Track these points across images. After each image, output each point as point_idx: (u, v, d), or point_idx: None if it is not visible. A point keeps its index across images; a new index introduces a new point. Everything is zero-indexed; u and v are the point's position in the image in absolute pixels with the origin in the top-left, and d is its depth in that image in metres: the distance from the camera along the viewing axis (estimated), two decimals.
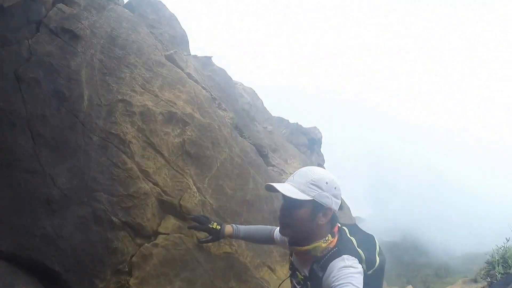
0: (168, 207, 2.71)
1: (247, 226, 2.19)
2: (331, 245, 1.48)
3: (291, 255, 1.71)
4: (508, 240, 4.94)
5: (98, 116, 2.46)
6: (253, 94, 7.01)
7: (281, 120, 8.19)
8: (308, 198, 1.45)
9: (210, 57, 4.69)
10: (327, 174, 1.52)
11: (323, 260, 1.45)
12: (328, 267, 1.41)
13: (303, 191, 1.46)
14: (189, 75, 3.72)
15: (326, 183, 1.47)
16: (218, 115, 4.01)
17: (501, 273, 4.42)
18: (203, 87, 3.96)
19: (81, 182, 2.19)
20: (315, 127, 8.33)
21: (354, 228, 1.62)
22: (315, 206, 1.47)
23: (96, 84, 2.50)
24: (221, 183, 3.50)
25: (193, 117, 3.33)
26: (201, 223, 2.24)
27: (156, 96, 3.00)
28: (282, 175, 5.65)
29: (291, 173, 6.94)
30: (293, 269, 1.68)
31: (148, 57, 3.05)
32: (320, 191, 1.46)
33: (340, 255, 1.42)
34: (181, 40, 4.28)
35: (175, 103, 3.16)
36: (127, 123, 2.65)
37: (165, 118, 2.98)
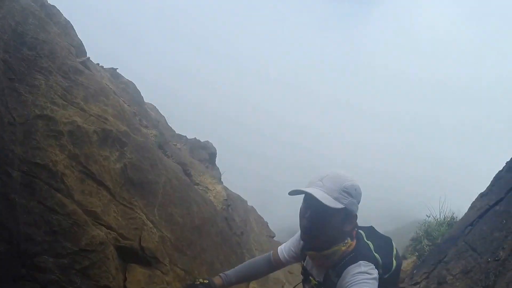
0: (128, 254, 2.05)
1: (233, 269, 1.92)
2: (350, 249, 1.42)
3: (303, 260, 1.60)
4: (429, 217, 5.95)
5: (13, 140, 1.62)
6: (155, 110, 6.37)
7: (180, 136, 7.77)
8: (341, 206, 1.36)
9: (116, 69, 3.92)
10: (354, 179, 1.44)
11: (339, 266, 1.39)
12: (344, 273, 1.36)
13: (336, 199, 1.36)
14: (107, 86, 2.99)
15: (355, 189, 1.40)
16: (144, 132, 3.37)
17: (429, 245, 5.19)
18: (123, 101, 3.25)
19: (10, 246, 1.37)
20: (208, 141, 8.27)
21: (371, 231, 1.58)
22: (346, 214, 1.39)
23: (4, 93, 1.65)
24: (170, 211, 2.92)
25: (129, 135, 2.67)
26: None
27: (83, 110, 2.25)
28: (207, 192, 5.29)
29: (212, 190, 6.48)
30: (305, 275, 1.57)
31: (63, 61, 2.27)
32: (351, 198, 1.38)
33: (356, 261, 1.37)
34: (79, 50, 3.44)
35: (107, 119, 2.45)
36: (54, 147, 1.86)
37: (100, 138, 2.26)
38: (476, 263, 2.67)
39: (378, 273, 1.36)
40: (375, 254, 1.42)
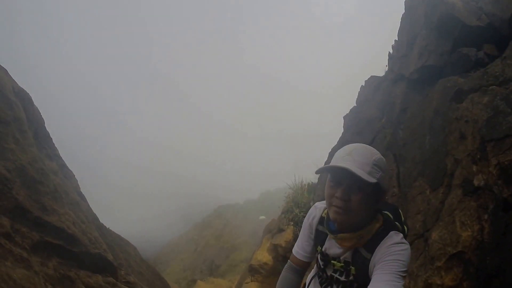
0: None
1: None
2: (380, 224, 1.38)
3: (321, 245, 1.52)
4: (291, 188, 6.80)
5: None
6: None
7: None
8: (374, 180, 1.27)
9: None
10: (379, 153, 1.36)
11: (370, 242, 1.35)
12: (378, 247, 1.33)
13: (369, 173, 1.27)
14: None
15: (384, 163, 1.34)
16: None
17: (303, 212, 5.80)
18: None
19: None
20: None
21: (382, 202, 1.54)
22: (377, 190, 1.32)
23: None
24: None
25: None
26: None
27: None
28: None
29: None
30: (325, 260, 1.50)
31: None
32: (381, 173, 1.30)
33: (387, 233, 1.34)
34: None
35: None
36: None
37: None
38: None
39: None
40: (396, 223, 1.45)
